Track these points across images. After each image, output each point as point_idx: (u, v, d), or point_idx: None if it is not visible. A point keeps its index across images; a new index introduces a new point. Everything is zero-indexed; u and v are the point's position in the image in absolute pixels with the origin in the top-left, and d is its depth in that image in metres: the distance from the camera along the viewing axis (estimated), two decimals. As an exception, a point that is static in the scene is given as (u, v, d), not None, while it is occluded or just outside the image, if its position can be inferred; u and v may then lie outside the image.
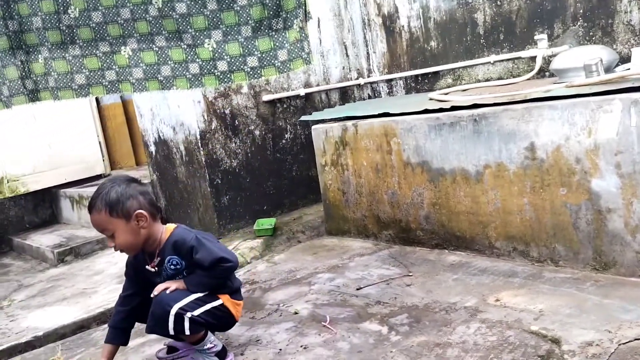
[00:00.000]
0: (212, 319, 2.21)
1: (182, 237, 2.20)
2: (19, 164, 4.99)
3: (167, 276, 2.23)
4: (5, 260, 4.76)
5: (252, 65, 1.97)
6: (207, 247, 2.17)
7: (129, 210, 2.11)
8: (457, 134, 2.97)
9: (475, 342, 2.14)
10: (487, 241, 2.98)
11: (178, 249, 2.19)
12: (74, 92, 2.07)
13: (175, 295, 2.14)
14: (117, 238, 2.11)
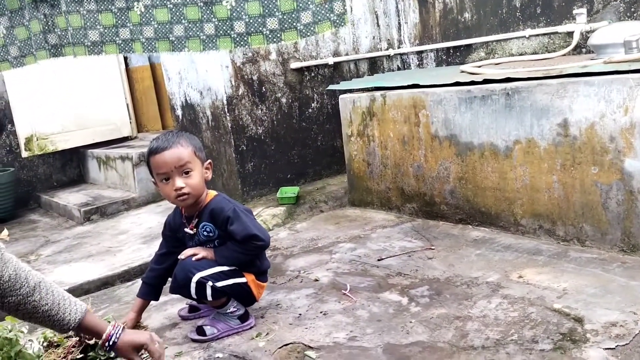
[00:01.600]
0: (232, 292, 2.23)
1: (220, 205, 2.19)
2: (48, 122, 5.05)
3: (199, 242, 2.25)
4: (33, 217, 4.86)
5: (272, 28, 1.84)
6: (243, 221, 2.17)
7: (205, 156, 2.17)
8: (488, 108, 2.91)
9: (496, 316, 2.13)
10: (512, 218, 2.94)
11: (214, 217, 2.19)
12: (86, 48, 2.01)
13: (201, 263, 2.16)
14: (193, 178, 2.11)
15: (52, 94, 5.02)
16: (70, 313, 1.79)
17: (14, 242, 4.05)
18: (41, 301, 1.75)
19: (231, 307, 2.25)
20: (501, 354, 1.87)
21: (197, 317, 2.41)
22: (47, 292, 1.78)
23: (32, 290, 1.74)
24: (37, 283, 1.76)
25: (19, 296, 1.72)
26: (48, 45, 1.96)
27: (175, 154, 2.09)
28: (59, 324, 1.78)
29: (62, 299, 1.80)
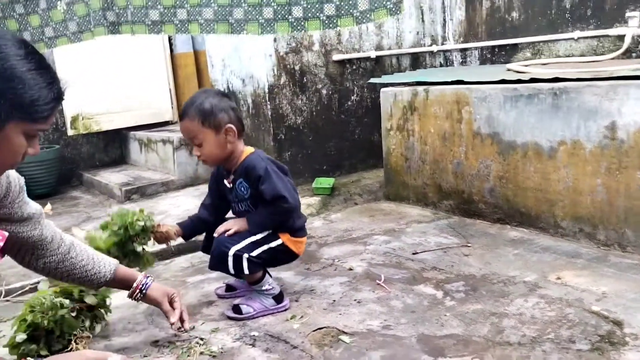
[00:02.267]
0: (271, 257, 2.27)
1: (254, 163, 2.22)
2: (94, 103, 5.18)
3: (237, 196, 2.29)
4: (75, 193, 5.00)
5: (329, 14, 1.86)
6: (273, 181, 2.19)
7: (220, 123, 2.17)
8: (534, 107, 2.88)
9: (532, 315, 2.11)
10: (552, 220, 2.91)
11: (248, 174, 2.23)
12: (147, 27, 2.06)
13: (234, 238, 2.21)
14: (204, 148, 2.17)
15: (99, 75, 5.15)
16: (105, 266, 1.92)
17: (57, 216, 4.18)
18: (77, 257, 1.88)
19: (266, 284, 2.29)
20: (537, 351, 1.86)
21: (232, 297, 2.46)
22: (82, 249, 1.91)
23: (68, 249, 1.87)
24: (71, 242, 1.89)
25: (58, 255, 1.84)
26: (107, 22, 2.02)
27: (185, 128, 2.19)
28: (96, 277, 1.91)
29: (95, 255, 1.94)
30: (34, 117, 1.33)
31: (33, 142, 1.40)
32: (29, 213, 1.72)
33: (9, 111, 1.29)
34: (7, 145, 1.33)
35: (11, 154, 1.36)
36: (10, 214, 1.65)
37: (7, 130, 1.31)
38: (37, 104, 1.32)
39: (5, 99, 1.27)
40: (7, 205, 1.63)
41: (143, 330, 2.22)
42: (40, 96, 1.32)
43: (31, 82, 1.30)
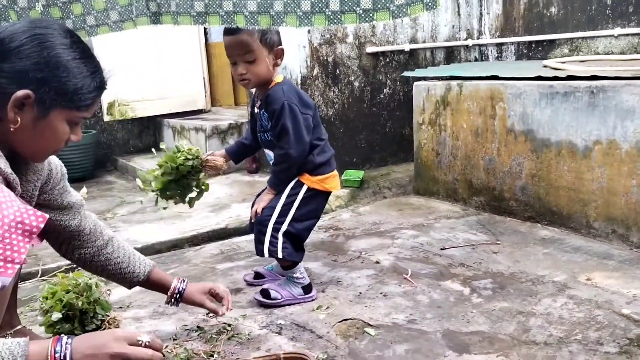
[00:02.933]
0: (308, 209, 2.29)
1: (275, 96, 2.18)
2: (130, 90, 5.28)
3: (262, 126, 2.29)
4: (110, 178, 5.12)
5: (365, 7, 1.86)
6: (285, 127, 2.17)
7: (274, 42, 2.16)
8: (570, 105, 2.83)
9: (560, 315, 2.09)
10: (584, 220, 2.87)
11: (267, 105, 2.21)
12: (192, 18, 2.09)
13: (265, 213, 2.26)
14: (256, 65, 2.13)
15: (135, 63, 5.24)
16: (140, 266, 1.91)
17: (92, 199, 4.29)
18: (114, 254, 1.88)
19: (298, 271, 2.32)
20: (564, 351, 1.84)
21: (261, 284, 2.50)
22: (119, 246, 1.91)
23: (105, 243, 1.87)
24: (110, 237, 1.90)
25: (94, 248, 1.86)
26: (149, 12, 2.06)
27: (238, 41, 2.11)
28: (130, 276, 1.90)
29: (132, 254, 1.93)
30: (77, 105, 1.38)
31: (75, 129, 1.44)
32: (68, 202, 1.75)
33: (54, 99, 1.34)
34: (51, 131, 1.38)
35: (54, 141, 1.41)
36: (49, 201, 1.68)
37: (52, 117, 1.36)
38: (81, 92, 1.37)
39: (50, 87, 1.32)
40: (48, 191, 1.66)
41: (173, 314, 2.27)
42: (83, 85, 1.37)
43: (75, 71, 1.35)
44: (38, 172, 1.57)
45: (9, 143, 1.37)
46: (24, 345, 1.17)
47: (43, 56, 1.31)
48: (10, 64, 1.30)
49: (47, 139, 1.39)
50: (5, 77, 1.30)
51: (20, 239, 1.16)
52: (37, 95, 1.31)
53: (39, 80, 1.31)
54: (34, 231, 1.18)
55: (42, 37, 1.32)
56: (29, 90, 1.30)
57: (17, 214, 1.16)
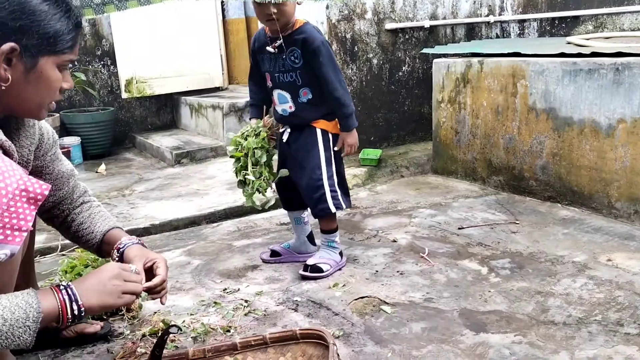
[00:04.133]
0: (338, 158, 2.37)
1: (312, 36, 2.20)
2: (147, 67, 5.28)
3: (283, 66, 2.26)
4: (128, 155, 5.15)
5: None
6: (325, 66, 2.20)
7: None
8: (594, 83, 2.76)
9: (580, 296, 2.07)
10: (606, 200, 2.81)
11: (305, 44, 2.19)
12: None
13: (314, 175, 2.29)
14: (286, 5, 2.13)
15: (153, 40, 5.23)
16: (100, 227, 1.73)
17: (111, 176, 4.32)
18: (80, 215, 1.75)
19: (337, 236, 2.41)
20: (583, 332, 1.82)
21: (278, 262, 2.50)
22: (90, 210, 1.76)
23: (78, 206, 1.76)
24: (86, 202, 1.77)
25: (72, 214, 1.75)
26: None
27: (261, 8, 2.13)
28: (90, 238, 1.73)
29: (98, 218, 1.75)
30: (61, 48, 1.33)
31: (65, 76, 1.40)
32: (59, 170, 1.69)
33: (38, 46, 1.29)
34: (44, 81, 1.34)
35: (49, 90, 1.36)
36: (42, 167, 1.63)
37: (41, 65, 1.31)
38: (62, 34, 1.33)
39: (31, 34, 1.27)
40: (40, 157, 1.61)
41: (190, 290, 2.29)
42: (62, 26, 1.32)
43: (51, 13, 1.30)
44: (30, 137, 1.53)
45: (2, 105, 1.33)
46: (34, 295, 1.26)
47: (15, 4, 1.26)
48: None
49: (41, 90, 1.35)
50: None
51: (25, 207, 1.16)
52: (22, 45, 1.26)
53: (19, 29, 1.26)
54: (39, 198, 1.18)
55: None
56: (12, 42, 1.25)
57: (20, 182, 1.16)
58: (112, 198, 3.68)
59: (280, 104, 2.33)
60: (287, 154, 2.38)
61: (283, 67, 2.26)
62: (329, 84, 2.23)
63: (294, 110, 2.31)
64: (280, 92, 2.31)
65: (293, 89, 2.27)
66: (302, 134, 2.33)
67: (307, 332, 1.61)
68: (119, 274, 1.42)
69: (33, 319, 1.23)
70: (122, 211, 3.38)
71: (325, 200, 2.29)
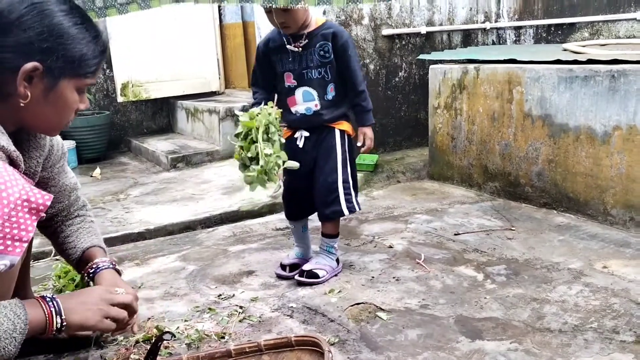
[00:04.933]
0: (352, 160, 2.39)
1: (340, 30, 2.26)
2: (143, 71, 5.27)
3: (307, 61, 2.25)
4: (123, 159, 5.14)
5: None
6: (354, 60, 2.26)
7: None
8: (590, 89, 2.77)
9: (575, 303, 2.06)
10: (602, 207, 2.82)
11: (336, 38, 2.23)
12: None
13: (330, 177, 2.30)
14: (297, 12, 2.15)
15: (149, 44, 5.22)
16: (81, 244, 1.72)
17: (106, 180, 4.31)
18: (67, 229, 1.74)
19: (337, 242, 2.43)
20: (579, 339, 1.82)
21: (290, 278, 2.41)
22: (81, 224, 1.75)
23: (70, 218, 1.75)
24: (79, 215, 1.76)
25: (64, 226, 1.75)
26: None
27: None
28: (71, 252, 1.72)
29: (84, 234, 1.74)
30: (84, 72, 1.35)
31: (82, 97, 1.42)
32: (63, 183, 1.69)
33: (62, 68, 1.31)
34: (62, 102, 1.35)
35: (66, 111, 1.38)
36: (47, 179, 1.63)
37: (61, 87, 1.33)
38: (87, 59, 1.34)
39: (57, 56, 1.29)
40: (47, 168, 1.62)
41: (184, 296, 2.28)
42: (88, 50, 1.34)
43: (79, 37, 1.32)
44: (40, 148, 1.53)
45: (18, 119, 1.35)
46: (21, 306, 1.26)
47: (45, 25, 1.27)
48: (13, 37, 1.25)
49: (59, 109, 1.36)
50: (10, 51, 1.26)
51: (27, 217, 1.16)
52: (45, 66, 1.28)
53: (45, 50, 1.27)
54: (41, 209, 1.18)
55: (40, 6, 1.28)
56: (36, 61, 1.26)
57: (22, 192, 1.15)
58: (106, 202, 3.66)
59: (304, 102, 2.30)
60: (301, 158, 2.26)
61: (312, 63, 2.25)
62: (356, 77, 2.28)
63: (319, 109, 2.29)
64: (307, 89, 2.29)
65: (322, 85, 2.28)
66: (321, 136, 2.33)
67: (302, 339, 1.60)
68: (105, 299, 1.44)
69: (20, 330, 1.23)
70: (117, 216, 3.37)
71: (338, 202, 2.30)
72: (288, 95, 2.32)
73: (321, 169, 2.32)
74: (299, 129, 2.35)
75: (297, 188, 2.39)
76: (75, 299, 1.41)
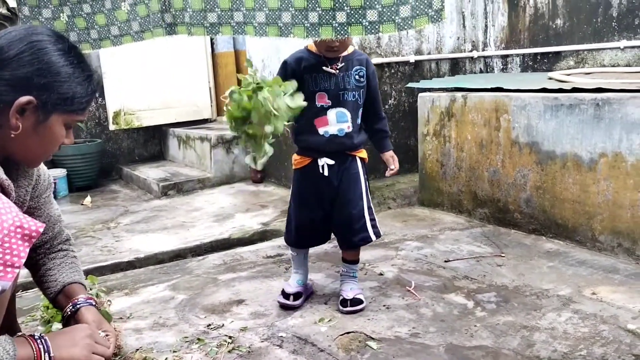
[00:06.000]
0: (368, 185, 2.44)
1: (369, 58, 2.34)
2: (135, 99, 5.31)
3: (344, 83, 2.24)
4: (114, 187, 5.13)
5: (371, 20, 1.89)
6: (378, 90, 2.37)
7: None
8: (575, 117, 2.82)
9: (565, 330, 2.07)
10: (590, 233, 2.84)
11: (368, 65, 2.30)
12: (205, 29, 2.13)
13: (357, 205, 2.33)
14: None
15: (141, 73, 5.27)
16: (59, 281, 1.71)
17: (96, 209, 4.30)
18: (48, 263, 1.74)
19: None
20: (568, 368, 1.82)
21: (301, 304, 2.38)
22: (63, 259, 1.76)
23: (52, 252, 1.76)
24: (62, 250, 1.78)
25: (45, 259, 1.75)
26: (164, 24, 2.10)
27: None
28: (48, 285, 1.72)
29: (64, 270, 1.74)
30: (75, 109, 1.43)
31: (69, 133, 1.48)
32: (49, 213, 1.71)
33: (54, 104, 1.38)
34: (50, 135, 1.42)
35: (52, 144, 1.45)
36: (34, 208, 1.65)
37: (51, 121, 1.40)
38: (78, 96, 1.42)
39: (51, 92, 1.36)
40: (34, 197, 1.64)
41: (174, 326, 2.26)
42: (80, 89, 1.42)
43: (73, 77, 1.40)
44: (29, 177, 1.58)
45: (5, 149, 1.40)
46: (10, 342, 1.28)
47: (43, 62, 1.35)
48: (10, 71, 1.33)
49: (45, 143, 1.43)
50: (6, 84, 1.32)
51: (20, 244, 1.18)
52: (39, 100, 1.35)
53: (41, 86, 1.35)
54: (34, 235, 1.21)
55: (39, 44, 1.36)
56: (31, 96, 1.33)
57: (15, 219, 1.19)
58: (97, 231, 3.65)
59: (338, 122, 2.25)
60: (323, 187, 2.30)
61: (349, 85, 2.26)
62: (380, 103, 2.41)
63: (350, 131, 2.27)
64: (341, 110, 2.25)
65: (355, 108, 2.29)
66: (344, 165, 2.32)
67: (291, 370, 1.59)
68: (91, 335, 1.49)
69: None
70: (107, 244, 3.36)
71: (366, 229, 2.34)
72: (318, 115, 2.24)
73: (347, 197, 2.32)
74: (320, 157, 2.29)
75: (313, 218, 2.34)
76: (62, 337, 1.46)
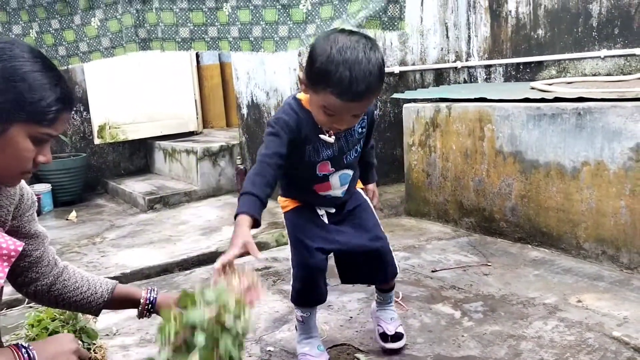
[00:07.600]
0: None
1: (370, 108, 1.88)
2: (120, 113, 5.29)
3: (347, 144, 1.87)
4: (100, 201, 5.09)
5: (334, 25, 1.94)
6: None
7: None
8: (558, 127, 2.85)
9: (551, 338, 2.08)
10: (574, 241, 2.87)
11: (369, 114, 1.92)
12: (177, 44, 2.12)
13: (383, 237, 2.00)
14: None
15: (126, 86, 5.26)
16: (102, 286, 1.73)
17: (82, 224, 4.26)
18: (70, 279, 1.72)
19: None
20: (555, 376, 1.83)
21: None
22: (75, 272, 1.75)
23: (61, 271, 1.73)
24: (65, 266, 1.76)
25: (50, 277, 1.70)
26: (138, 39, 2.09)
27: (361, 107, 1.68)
28: (93, 298, 1.72)
29: (91, 277, 1.76)
30: (37, 119, 1.27)
31: (43, 149, 1.32)
32: (35, 230, 1.64)
33: (12, 111, 1.24)
34: (12, 149, 1.27)
35: (17, 159, 1.29)
36: (18, 227, 1.58)
37: (12, 132, 1.25)
38: (41, 105, 1.26)
39: (7, 98, 1.22)
40: (17, 217, 1.57)
41: (161, 341, 2.24)
42: (43, 96, 1.26)
43: (35, 82, 1.25)
44: (10, 197, 1.49)
45: None
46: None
47: (1, 67, 1.22)
48: None
49: (8, 157, 1.28)
50: None
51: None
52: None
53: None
54: (12, 254, 1.18)
55: (1, 50, 1.24)
56: None
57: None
58: (82, 246, 3.62)
59: (342, 185, 1.95)
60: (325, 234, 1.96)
61: (351, 142, 1.89)
62: (371, 139, 2.06)
63: (348, 187, 1.97)
64: (345, 172, 1.93)
65: (356, 159, 1.96)
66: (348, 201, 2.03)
67: (279, 385, 1.58)
68: (77, 350, 1.45)
69: None
70: (92, 260, 3.33)
71: (393, 263, 2.04)
72: (319, 182, 1.92)
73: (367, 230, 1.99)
74: (319, 207, 2.00)
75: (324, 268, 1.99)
76: (47, 346, 1.41)
